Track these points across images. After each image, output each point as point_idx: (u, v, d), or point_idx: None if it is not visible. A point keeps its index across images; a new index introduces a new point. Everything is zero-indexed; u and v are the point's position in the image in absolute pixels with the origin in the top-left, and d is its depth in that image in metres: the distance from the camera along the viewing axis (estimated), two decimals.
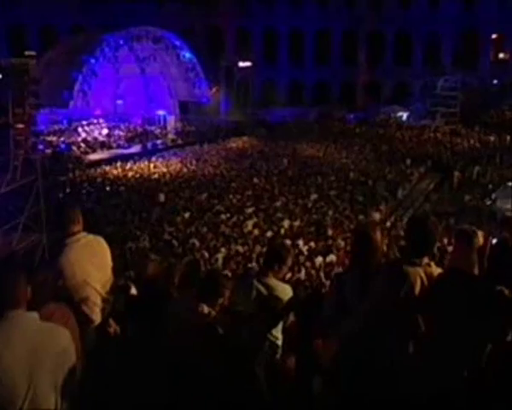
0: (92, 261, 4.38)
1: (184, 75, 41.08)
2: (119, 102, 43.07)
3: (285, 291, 4.40)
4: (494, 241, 4.03)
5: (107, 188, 25.88)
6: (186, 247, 17.88)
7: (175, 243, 18.36)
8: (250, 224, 19.97)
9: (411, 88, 54.73)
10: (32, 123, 13.85)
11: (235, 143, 38.92)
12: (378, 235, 4.07)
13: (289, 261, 4.54)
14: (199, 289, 4.23)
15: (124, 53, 37.61)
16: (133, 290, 4.50)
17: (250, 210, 21.62)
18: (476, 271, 3.71)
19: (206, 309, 4.09)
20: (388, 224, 20.56)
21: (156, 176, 28.73)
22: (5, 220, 13.07)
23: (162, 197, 23.70)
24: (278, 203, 22.71)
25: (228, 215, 21.05)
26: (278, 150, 35.32)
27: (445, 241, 15.01)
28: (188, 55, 39.70)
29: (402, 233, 18.97)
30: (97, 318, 4.28)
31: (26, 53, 34.25)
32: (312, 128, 45.20)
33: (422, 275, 3.61)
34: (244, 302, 4.33)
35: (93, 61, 33.45)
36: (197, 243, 18.10)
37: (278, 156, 33.07)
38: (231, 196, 23.85)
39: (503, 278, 3.60)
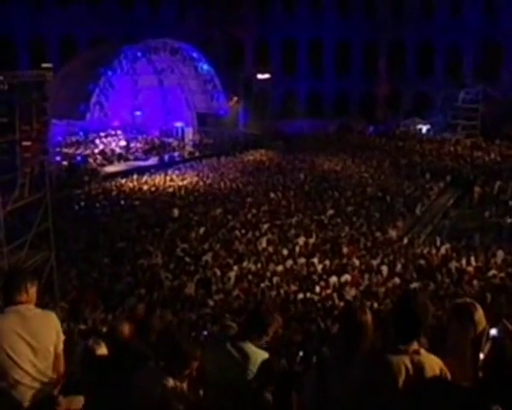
0: (27, 341, 3.80)
1: (202, 87, 41.16)
2: (138, 113, 43.23)
3: (261, 361, 3.90)
4: (493, 332, 3.50)
5: (122, 202, 25.84)
6: (199, 264, 17.79)
7: (188, 259, 18.27)
8: (264, 241, 19.84)
9: (432, 100, 54.30)
10: (41, 140, 13.75)
11: (252, 156, 38.82)
12: (368, 318, 3.66)
13: (272, 331, 4.01)
14: (165, 360, 3.89)
15: (142, 65, 37.78)
16: (103, 350, 4.13)
17: (265, 226, 21.49)
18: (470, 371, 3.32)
19: (171, 382, 3.75)
20: (405, 241, 20.28)
21: (171, 189, 28.68)
22: (13, 238, 13.02)
23: (176, 212, 23.62)
24: (294, 219, 22.55)
25: (242, 231, 20.93)
26: (296, 164, 35.15)
27: None
28: (205, 66, 39.80)
29: (419, 251, 18.80)
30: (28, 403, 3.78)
31: (43, 65, 34.50)
32: (331, 141, 44.94)
33: (408, 365, 3.18)
34: (215, 371, 3.95)
35: (110, 73, 33.59)
36: (210, 261, 18.01)
37: (295, 170, 32.91)
38: (246, 212, 23.71)
39: (499, 391, 3.14)
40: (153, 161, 37.52)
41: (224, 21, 56.77)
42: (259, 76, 46.54)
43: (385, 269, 16.87)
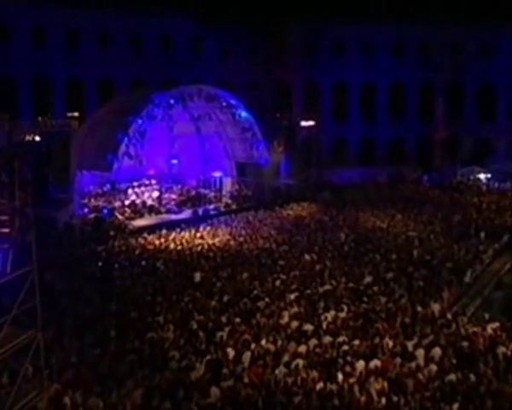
0: None
1: (241, 135, 40.64)
2: (174, 162, 42.92)
3: None
4: None
5: (143, 262, 25.17)
6: (212, 340, 16.76)
7: (201, 334, 17.28)
8: (289, 314, 18.71)
9: (493, 146, 52.51)
10: (22, 213, 13.03)
11: (292, 211, 37.97)
12: None
13: None
14: None
15: (178, 111, 37.53)
16: None
17: (292, 296, 20.36)
18: None
19: None
20: (449, 316, 18.77)
21: (199, 248, 27.91)
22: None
23: (198, 277, 22.77)
24: (326, 287, 21.34)
25: (267, 301, 19.86)
26: (338, 220, 34.08)
27: None
28: (244, 114, 39.28)
29: (463, 330, 17.32)
30: None
31: (69, 114, 34.68)
32: (381, 192, 43.77)
33: None
34: None
35: (140, 121, 33.36)
36: (225, 337, 16.97)
37: (337, 227, 31.80)
38: (275, 277, 22.65)
39: None
40: (186, 214, 37.05)
41: (269, 63, 56.63)
42: (303, 123, 45.78)
43: (421, 353, 15.47)
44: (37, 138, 27.81)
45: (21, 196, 12.58)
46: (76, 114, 34.67)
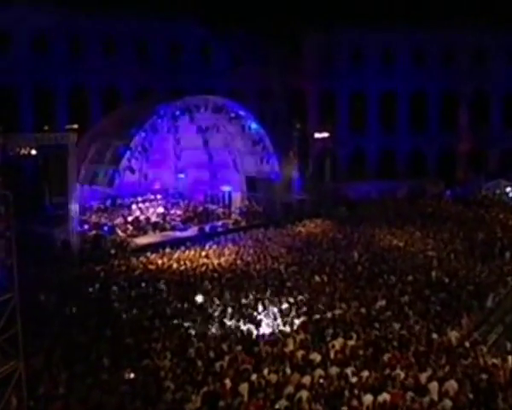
0: None
1: (251, 148, 40.48)
2: (181, 176, 42.96)
3: None
4: None
5: (143, 284, 24.94)
6: (211, 370, 16.44)
7: (200, 363, 16.97)
8: (295, 341, 18.35)
9: None
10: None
11: (304, 228, 37.63)
12: None
13: None
14: None
15: (184, 122, 37.41)
16: None
17: (298, 321, 20.01)
18: None
19: None
20: (467, 345, 18.28)
21: (204, 268, 27.65)
22: None
23: (200, 299, 22.52)
24: (336, 312, 20.95)
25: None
26: (353, 237, 33.71)
27: None
28: (254, 125, 39.10)
29: (482, 361, 16.85)
30: None
31: (67, 126, 34.67)
32: (399, 208, 43.35)
33: None
34: None
35: (143, 134, 33.26)
36: (225, 366, 16.65)
37: (351, 246, 31.41)
38: (283, 300, 22.32)
39: None
40: (192, 231, 36.89)
41: (283, 71, 56.49)
42: (317, 135, 45.51)
43: (434, 387, 15.02)
44: (34, 152, 27.71)
45: (3, 216, 12.37)
46: (75, 126, 34.51)
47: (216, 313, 21.32)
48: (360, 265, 27.48)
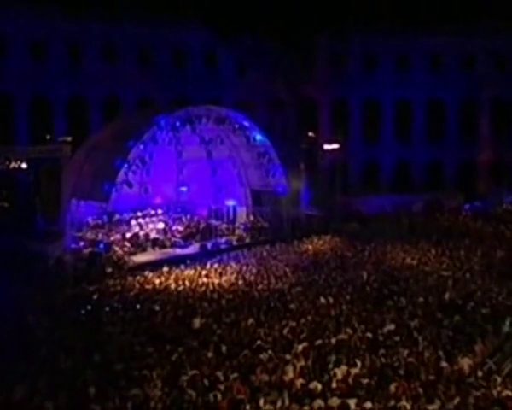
0: None
1: (256, 161, 40.32)
2: (183, 189, 42.74)
3: None
4: None
5: (138, 306, 24.74)
6: (202, 401, 16.14)
7: (192, 393, 16.67)
8: (295, 369, 18.02)
9: None
10: None
11: (312, 245, 37.40)
12: None
13: None
14: None
15: (186, 134, 37.30)
16: None
17: (300, 347, 19.66)
18: None
19: None
20: (480, 374, 17.89)
21: (204, 288, 27.45)
22: None
23: (197, 323, 22.27)
24: (340, 336, 20.59)
25: (270, 353, 19.19)
26: (363, 256, 33.44)
27: None
28: (259, 137, 38.94)
29: (495, 393, 16.45)
30: None
31: (60, 138, 34.63)
32: (414, 223, 43.03)
33: None
34: None
35: (142, 147, 33.15)
36: (219, 397, 16.34)
37: (360, 265, 31.11)
38: (284, 324, 22.00)
39: None
40: (193, 248, 36.78)
41: (293, 79, 56.35)
42: (326, 146, 45.33)
43: None
44: (24, 166, 27.67)
45: None
46: (69, 138, 34.46)
47: (213, 338, 21.03)
48: (369, 285, 27.13)
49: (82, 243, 34.20)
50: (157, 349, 20.08)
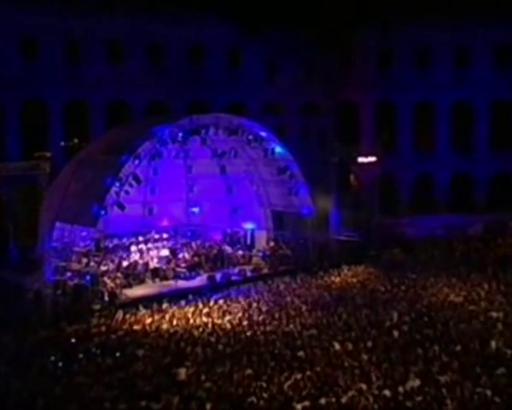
0: None
1: (276, 177, 39.67)
2: (195, 210, 42.33)
3: None
4: None
5: (117, 354, 24.17)
6: None
7: None
8: None
9: None
10: None
11: (340, 277, 36.64)
12: None
13: None
14: None
15: (195, 146, 36.79)
16: None
17: (300, 407, 18.81)
18: None
19: None
20: None
21: (200, 331, 26.82)
22: None
23: (183, 374, 21.60)
24: (351, 393, 19.64)
25: None
26: (399, 290, 32.50)
27: None
28: (278, 149, 38.18)
29: None
30: None
31: (37, 154, 34.40)
32: (469, 249, 42.02)
33: None
34: None
35: (136, 161, 32.69)
36: None
37: (392, 302, 30.17)
38: (286, 376, 21.18)
39: None
40: (200, 280, 36.35)
41: (330, 80, 55.67)
42: (360, 159, 44.57)
43: None
44: None
45: None
46: (48, 154, 34.25)
47: (199, 393, 20.30)
48: (397, 329, 26.13)
49: (68, 275, 33.80)
50: (130, 406, 19.47)
